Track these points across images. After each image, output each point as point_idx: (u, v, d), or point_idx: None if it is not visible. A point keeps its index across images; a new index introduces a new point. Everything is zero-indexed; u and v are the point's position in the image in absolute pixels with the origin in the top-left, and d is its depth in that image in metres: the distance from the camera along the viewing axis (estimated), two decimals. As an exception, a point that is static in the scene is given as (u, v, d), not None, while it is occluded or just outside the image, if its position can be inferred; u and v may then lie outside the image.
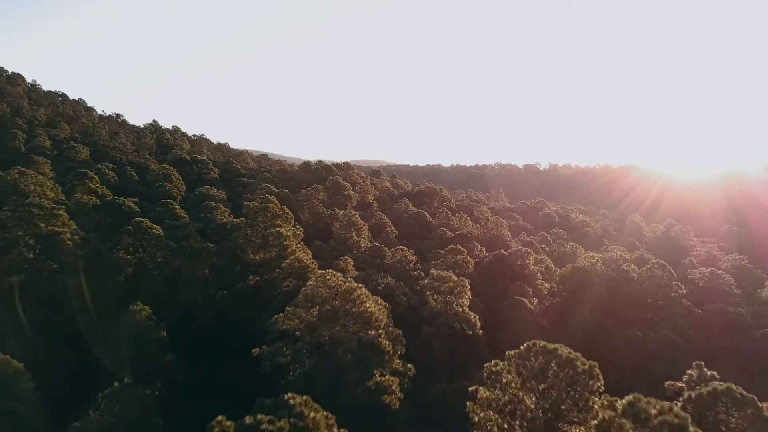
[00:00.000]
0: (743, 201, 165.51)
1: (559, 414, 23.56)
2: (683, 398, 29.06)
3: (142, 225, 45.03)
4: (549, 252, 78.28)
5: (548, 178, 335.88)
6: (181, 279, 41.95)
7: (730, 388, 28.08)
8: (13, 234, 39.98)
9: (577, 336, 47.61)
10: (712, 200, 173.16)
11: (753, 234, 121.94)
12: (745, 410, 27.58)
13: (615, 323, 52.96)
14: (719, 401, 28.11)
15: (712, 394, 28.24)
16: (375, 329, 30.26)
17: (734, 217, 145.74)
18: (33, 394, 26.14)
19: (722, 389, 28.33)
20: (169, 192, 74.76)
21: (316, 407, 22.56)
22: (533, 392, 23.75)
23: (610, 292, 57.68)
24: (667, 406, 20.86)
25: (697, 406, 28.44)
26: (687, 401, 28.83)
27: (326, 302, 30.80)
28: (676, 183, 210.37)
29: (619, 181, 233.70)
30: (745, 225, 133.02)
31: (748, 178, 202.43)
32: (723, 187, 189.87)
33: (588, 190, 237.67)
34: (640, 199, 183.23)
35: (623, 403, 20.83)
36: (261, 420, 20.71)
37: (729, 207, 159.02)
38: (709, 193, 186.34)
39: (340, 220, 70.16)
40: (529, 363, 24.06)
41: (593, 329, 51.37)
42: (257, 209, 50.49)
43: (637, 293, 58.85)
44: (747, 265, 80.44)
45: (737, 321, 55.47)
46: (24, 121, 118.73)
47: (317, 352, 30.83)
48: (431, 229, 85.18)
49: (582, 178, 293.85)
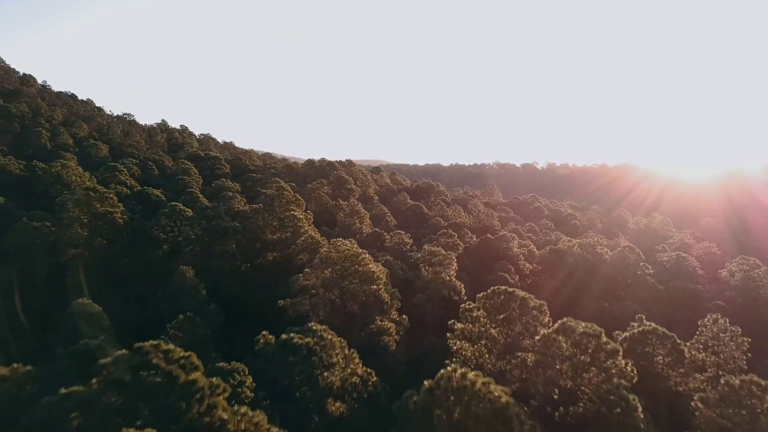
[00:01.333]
0: (743, 200, 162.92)
1: (515, 339, 31.16)
2: (621, 338, 36.73)
3: (176, 208, 52.60)
4: (535, 240, 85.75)
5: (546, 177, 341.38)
6: (211, 253, 49.50)
7: (655, 328, 35.74)
8: (72, 213, 47.55)
9: (551, 306, 54.64)
10: (712, 199, 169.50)
11: (753, 233, 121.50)
12: (665, 344, 35.25)
13: (586, 297, 60.45)
14: (647, 338, 35.76)
15: (642, 333, 35.91)
16: (376, 284, 37.82)
17: (734, 216, 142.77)
18: (111, 329, 33.69)
19: (649, 329, 36.00)
20: (189, 184, 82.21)
21: (333, 333, 30.14)
22: (496, 323, 31.33)
23: (584, 270, 65.23)
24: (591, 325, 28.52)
25: (632, 342, 36.09)
26: (624, 340, 36.50)
27: (337, 263, 38.38)
28: (674, 182, 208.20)
29: (617, 180, 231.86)
30: (745, 224, 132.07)
31: (748, 177, 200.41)
32: (722, 186, 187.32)
33: (587, 190, 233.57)
34: (639, 199, 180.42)
35: (558, 324, 28.49)
36: (293, 336, 28.36)
37: (729, 206, 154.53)
38: (709, 192, 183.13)
39: (344, 209, 77.68)
40: (494, 301, 31.65)
41: (566, 301, 58.81)
42: (273, 196, 58.12)
43: (608, 272, 66.37)
44: (716, 251, 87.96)
45: (695, 296, 62.95)
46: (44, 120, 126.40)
47: (330, 304, 38.39)
48: (427, 220, 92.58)
49: (580, 177, 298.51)
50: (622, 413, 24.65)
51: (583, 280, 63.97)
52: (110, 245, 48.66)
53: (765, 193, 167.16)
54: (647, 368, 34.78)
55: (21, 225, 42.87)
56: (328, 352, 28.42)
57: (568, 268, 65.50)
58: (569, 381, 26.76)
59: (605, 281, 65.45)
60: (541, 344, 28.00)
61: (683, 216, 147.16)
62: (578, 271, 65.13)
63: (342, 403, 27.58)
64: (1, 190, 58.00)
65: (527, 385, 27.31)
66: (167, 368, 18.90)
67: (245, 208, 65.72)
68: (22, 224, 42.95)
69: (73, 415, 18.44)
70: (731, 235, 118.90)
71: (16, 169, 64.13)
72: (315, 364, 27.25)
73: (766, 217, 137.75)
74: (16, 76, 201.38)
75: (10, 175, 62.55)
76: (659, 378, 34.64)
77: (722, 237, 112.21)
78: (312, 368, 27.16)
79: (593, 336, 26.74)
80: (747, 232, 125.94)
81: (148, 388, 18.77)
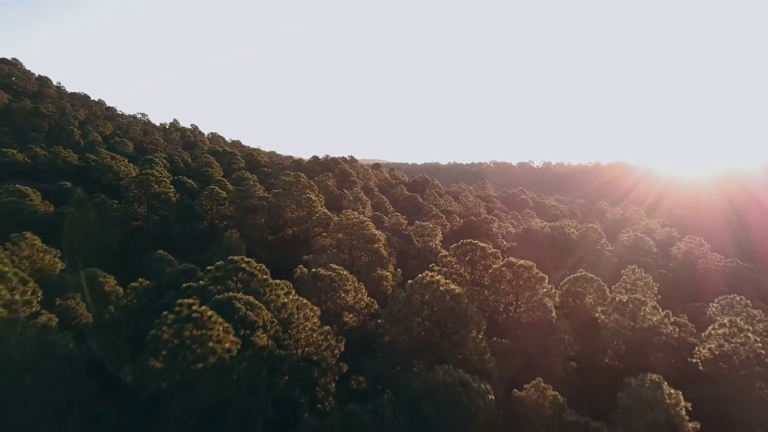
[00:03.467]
0: (742, 199, 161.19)
1: (478, 276, 43.19)
2: (562, 282, 48.80)
3: (214, 191, 64.60)
4: (515, 224, 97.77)
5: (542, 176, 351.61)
6: (244, 226, 61.45)
7: (585, 275, 47.84)
8: (134, 193, 59.55)
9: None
10: (710, 198, 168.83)
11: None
12: (593, 287, 47.28)
13: (550, 266, 72.48)
14: (579, 282, 47.77)
15: (575, 278, 47.99)
16: (377, 244, 49.84)
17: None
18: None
19: (581, 275, 48.09)
20: (212, 175, 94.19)
21: (347, 271, 42.14)
22: (462, 264, 43.36)
23: (551, 246, 77.35)
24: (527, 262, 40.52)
25: (569, 285, 48.13)
26: (563, 284, 48.56)
27: (347, 228, 50.39)
28: (672, 181, 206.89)
29: (616, 180, 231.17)
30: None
31: (747, 177, 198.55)
32: (721, 185, 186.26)
33: (586, 189, 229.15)
34: (639, 198, 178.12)
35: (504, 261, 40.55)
36: (320, 270, 40.37)
37: (728, 206, 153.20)
38: (707, 191, 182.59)
39: (348, 197, 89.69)
40: (461, 250, 43.68)
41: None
42: (292, 182, 70.05)
43: (573, 248, 78.41)
44: (675, 235, 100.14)
45: (643, 266, 74.85)
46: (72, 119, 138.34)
47: (342, 259, 50.33)
48: (421, 208, 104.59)
49: (576, 176, 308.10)
50: (543, 316, 36.72)
51: (550, 254, 75.96)
52: (164, 219, 60.65)
53: (764, 192, 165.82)
54: (579, 304, 46.95)
55: (100, 200, 54.83)
56: (343, 282, 40.43)
57: (539, 244, 77.64)
58: (511, 297, 38.84)
59: (569, 255, 77.44)
60: (492, 275, 40.07)
61: (682, 215, 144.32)
62: (547, 247, 77.25)
63: (354, 315, 39.56)
64: (65, 177, 69.97)
65: (482, 301, 39.30)
66: (250, 269, 30.92)
67: (266, 195, 77.68)
68: (100, 200, 54.92)
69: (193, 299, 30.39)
70: (699, 224, 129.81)
71: (74, 160, 76.08)
72: (335, 288, 39.22)
73: (764, 215, 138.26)
74: (34, 78, 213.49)
75: (71, 165, 74.53)
76: (587, 310, 46.74)
77: (689, 226, 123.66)
78: (333, 291, 39.12)
79: (527, 268, 38.80)
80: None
81: (239, 281, 30.78)
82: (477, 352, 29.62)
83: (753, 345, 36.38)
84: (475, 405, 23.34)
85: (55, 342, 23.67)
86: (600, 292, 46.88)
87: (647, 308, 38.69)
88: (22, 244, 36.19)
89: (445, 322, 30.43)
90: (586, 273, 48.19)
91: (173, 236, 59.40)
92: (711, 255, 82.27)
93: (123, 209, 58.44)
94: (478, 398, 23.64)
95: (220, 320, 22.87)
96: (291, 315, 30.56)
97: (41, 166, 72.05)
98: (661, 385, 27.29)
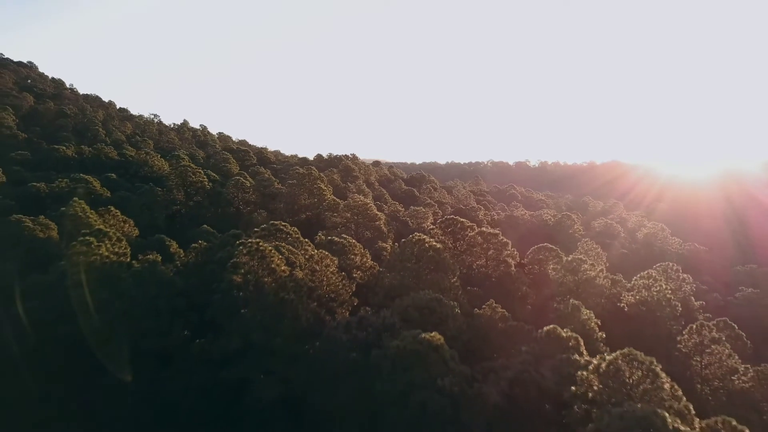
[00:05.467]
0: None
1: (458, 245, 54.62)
2: (528, 252, 60.23)
3: (240, 180, 75.99)
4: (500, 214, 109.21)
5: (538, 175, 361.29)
6: (267, 210, 72.82)
7: (548, 246, 59.29)
8: (170, 182, 70.90)
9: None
10: (709, 198, 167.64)
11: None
12: (554, 256, 58.65)
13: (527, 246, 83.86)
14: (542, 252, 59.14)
15: (538, 249, 59.40)
16: (378, 221, 61.28)
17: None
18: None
19: (543, 246, 59.58)
20: (231, 170, 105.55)
21: (355, 240, 53.60)
22: (446, 235, 54.82)
23: (529, 230, 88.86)
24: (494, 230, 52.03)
25: (533, 254, 59.52)
26: (530, 253, 59.94)
27: (354, 209, 61.81)
28: (671, 180, 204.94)
29: (611, 179, 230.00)
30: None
31: (746, 176, 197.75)
32: (720, 185, 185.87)
33: (586, 189, 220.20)
34: (638, 199, 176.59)
35: (477, 230, 52.02)
36: (335, 237, 51.83)
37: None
38: (706, 190, 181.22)
39: (352, 189, 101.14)
40: (445, 223, 55.12)
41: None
42: (304, 174, 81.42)
43: (549, 232, 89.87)
44: (645, 223, 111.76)
45: (608, 246, 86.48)
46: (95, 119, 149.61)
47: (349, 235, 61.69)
48: (417, 199, 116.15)
49: (573, 175, 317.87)
50: (505, 270, 48.16)
51: (528, 237, 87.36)
52: (198, 204, 72.04)
53: (763, 192, 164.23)
54: (540, 269, 58.42)
55: (149, 187, 66.18)
56: (352, 247, 51.87)
57: (519, 229, 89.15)
58: (482, 257, 50.29)
59: (545, 238, 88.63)
60: (467, 241, 51.52)
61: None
62: (526, 231, 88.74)
63: (361, 273, 50.93)
64: (109, 169, 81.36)
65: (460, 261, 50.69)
66: (287, 230, 42.30)
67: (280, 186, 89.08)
68: (149, 187, 66.28)
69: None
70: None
71: (115, 156, 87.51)
72: (346, 251, 50.57)
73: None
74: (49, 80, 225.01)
75: (112, 160, 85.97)
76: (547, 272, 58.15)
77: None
78: (345, 253, 50.48)
79: (494, 235, 50.28)
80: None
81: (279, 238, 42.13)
82: (452, 289, 41.06)
83: (664, 292, 47.96)
84: (445, 313, 34.77)
85: (162, 271, 35.00)
86: (557, 258, 58.37)
87: (586, 266, 50.18)
88: (108, 216, 47.51)
89: (428, 267, 41.82)
90: (547, 244, 59.71)
91: (207, 218, 70.69)
92: (671, 239, 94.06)
93: (165, 195, 69.81)
94: (448, 309, 35.07)
95: (275, 252, 34.24)
96: (316, 263, 41.93)
97: (87, 161, 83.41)
98: (579, 308, 38.72)
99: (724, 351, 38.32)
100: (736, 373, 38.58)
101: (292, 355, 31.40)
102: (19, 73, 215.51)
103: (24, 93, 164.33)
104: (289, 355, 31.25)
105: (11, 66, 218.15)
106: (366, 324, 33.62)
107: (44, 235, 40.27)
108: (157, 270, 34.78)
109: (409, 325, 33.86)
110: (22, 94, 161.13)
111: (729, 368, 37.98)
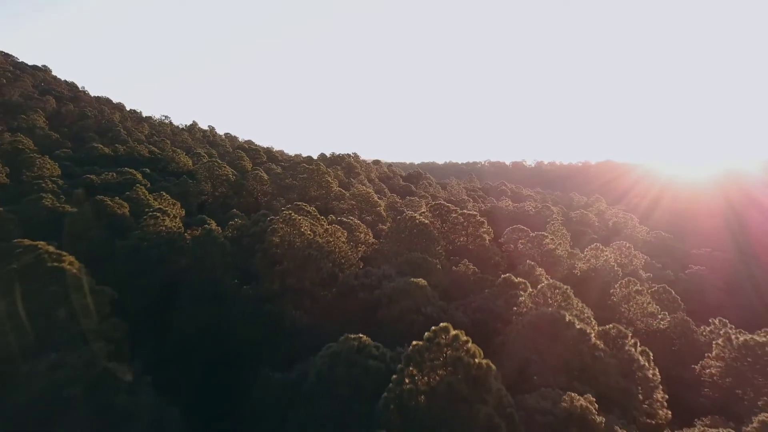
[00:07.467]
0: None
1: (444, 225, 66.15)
2: (504, 233, 71.81)
3: (258, 174, 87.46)
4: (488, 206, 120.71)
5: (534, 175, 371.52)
6: (282, 198, 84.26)
7: (521, 227, 70.88)
8: (199, 175, 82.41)
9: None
10: (708, 198, 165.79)
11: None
12: (526, 235, 70.22)
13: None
14: (515, 232, 70.70)
15: (512, 230, 70.95)
16: (378, 207, 72.79)
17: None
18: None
19: (516, 227, 71.13)
20: (245, 166, 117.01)
21: (359, 222, 65.17)
22: (435, 217, 66.33)
23: (511, 220, 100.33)
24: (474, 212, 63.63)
25: (508, 234, 71.08)
26: (505, 233, 71.53)
27: (358, 197, 73.31)
28: (670, 180, 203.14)
29: (610, 179, 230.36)
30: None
31: (746, 176, 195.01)
32: (719, 184, 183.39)
33: (585, 190, 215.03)
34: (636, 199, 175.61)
35: (461, 212, 63.60)
36: (344, 218, 63.45)
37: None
38: (705, 190, 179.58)
39: (354, 184, 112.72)
40: (435, 207, 66.63)
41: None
42: (313, 169, 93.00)
43: (530, 221, 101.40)
44: (620, 214, 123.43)
45: (579, 233, 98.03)
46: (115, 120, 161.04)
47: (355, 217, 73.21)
48: (413, 194, 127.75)
49: (567, 175, 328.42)
50: (480, 243, 59.71)
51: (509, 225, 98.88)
52: (222, 194, 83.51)
53: (763, 192, 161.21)
54: (515, 249, 69.97)
55: (183, 180, 77.61)
56: (358, 226, 63.40)
57: (502, 218, 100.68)
58: (463, 234, 61.82)
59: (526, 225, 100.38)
60: (451, 221, 63.04)
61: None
62: (508, 220, 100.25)
63: (365, 247, 62.41)
64: (141, 165, 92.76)
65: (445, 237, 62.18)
66: (307, 209, 53.83)
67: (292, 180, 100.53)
68: (183, 179, 77.70)
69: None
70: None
71: (146, 153, 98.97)
72: (353, 230, 62.04)
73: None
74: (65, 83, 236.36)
75: (144, 156, 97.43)
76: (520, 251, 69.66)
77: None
78: (351, 231, 61.95)
79: (472, 215, 61.81)
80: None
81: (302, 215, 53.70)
82: (437, 255, 52.59)
83: (608, 261, 59.48)
84: (430, 268, 46.32)
85: (216, 236, 46.51)
86: (528, 237, 69.95)
87: (547, 240, 61.73)
88: (161, 199, 58.95)
89: (418, 238, 53.32)
90: (520, 225, 71.29)
91: (231, 206, 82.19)
92: (639, 227, 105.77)
93: (195, 187, 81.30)
94: (432, 265, 46.62)
95: (302, 220, 45.74)
96: (331, 234, 53.46)
97: (122, 158, 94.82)
98: (535, 267, 50.19)
99: (645, 299, 49.84)
100: (656, 318, 50.14)
101: (316, 296, 42.90)
102: (36, 77, 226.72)
103: (46, 96, 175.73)
104: (314, 296, 42.75)
105: (28, 70, 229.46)
106: (370, 274, 45.11)
107: (120, 211, 51.61)
108: (213, 235, 46.18)
109: (403, 275, 45.41)
110: (45, 98, 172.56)
111: (649, 313, 49.49)
